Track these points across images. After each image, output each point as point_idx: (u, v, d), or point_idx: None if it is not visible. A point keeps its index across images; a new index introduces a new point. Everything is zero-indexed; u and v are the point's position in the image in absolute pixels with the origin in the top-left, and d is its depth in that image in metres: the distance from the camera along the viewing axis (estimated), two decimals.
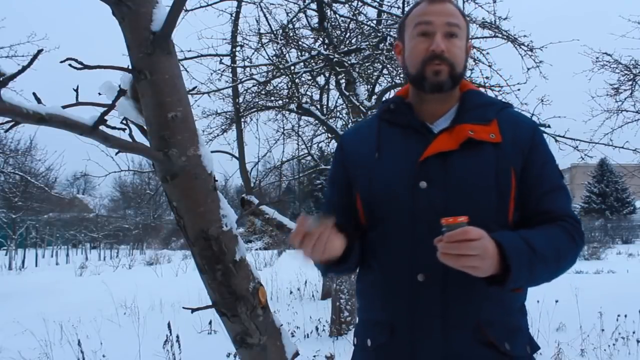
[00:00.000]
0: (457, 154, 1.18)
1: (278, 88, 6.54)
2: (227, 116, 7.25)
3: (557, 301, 5.19)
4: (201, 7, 5.53)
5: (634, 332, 4.87)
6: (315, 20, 6.11)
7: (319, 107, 6.59)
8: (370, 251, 1.25)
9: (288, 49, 5.76)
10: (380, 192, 1.22)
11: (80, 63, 1.23)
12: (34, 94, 1.06)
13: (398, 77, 6.01)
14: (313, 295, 9.23)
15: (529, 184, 1.19)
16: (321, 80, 6.75)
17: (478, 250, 1.01)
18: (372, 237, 1.24)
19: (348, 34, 6.05)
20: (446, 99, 1.26)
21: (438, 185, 1.16)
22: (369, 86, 6.34)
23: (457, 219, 1.02)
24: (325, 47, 5.59)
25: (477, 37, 5.52)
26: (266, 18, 5.84)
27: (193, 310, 1.25)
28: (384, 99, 6.36)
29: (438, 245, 1.03)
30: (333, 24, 5.96)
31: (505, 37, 5.40)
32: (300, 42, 5.89)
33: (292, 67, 5.59)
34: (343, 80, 5.84)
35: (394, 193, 1.19)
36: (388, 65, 5.70)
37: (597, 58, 7.85)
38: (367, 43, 5.61)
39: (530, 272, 1.08)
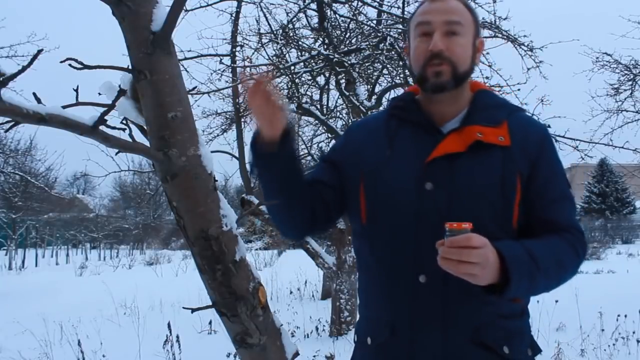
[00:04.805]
0: (464, 156, 1.16)
1: (278, 88, 6.53)
2: (227, 116, 7.26)
3: (557, 301, 5.18)
4: (201, 7, 5.54)
5: (634, 332, 4.87)
6: (315, 20, 6.11)
7: (319, 107, 6.58)
8: (370, 249, 1.24)
9: (288, 49, 5.76)
10: (386, 191, 1.21)
11: (80, 63, 1.23)
12: (34, 94, 1.06)
13: (398, 77, 6.01)
14: (313, 295, 9.23)
15: (535, 191, 1.18)
16: (321, 80, 6.74)
17: (479, 258, 1.00)
18: (373, 235, 1.22)
19: (348, 34, 6.04)
20: (456, 100, 1.24)
21: (443, 187, 1.16)
22: (369, 86, 6.33)
23: (462, 225, 1.01)
24: (325, 47, 5.58)
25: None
26: (266, 18, 5.85)
27: (193, 310, 1.25)
28: (389, 97, 6.37)
29: (439, 249, 1.02)
30: (333, 24, 5.95)
31: (505, 37, 5.39)
32: (300, 42, 5.89)
33: (292, 67, 5.59)
34: (343, 80, 5.83)
35: (399, 193, 1.19)
36: (388, 65, 5.70)
37: (597, 58, 7.86)
38: (367, 43, 5.60)
39: (530, 283, 1.08)
